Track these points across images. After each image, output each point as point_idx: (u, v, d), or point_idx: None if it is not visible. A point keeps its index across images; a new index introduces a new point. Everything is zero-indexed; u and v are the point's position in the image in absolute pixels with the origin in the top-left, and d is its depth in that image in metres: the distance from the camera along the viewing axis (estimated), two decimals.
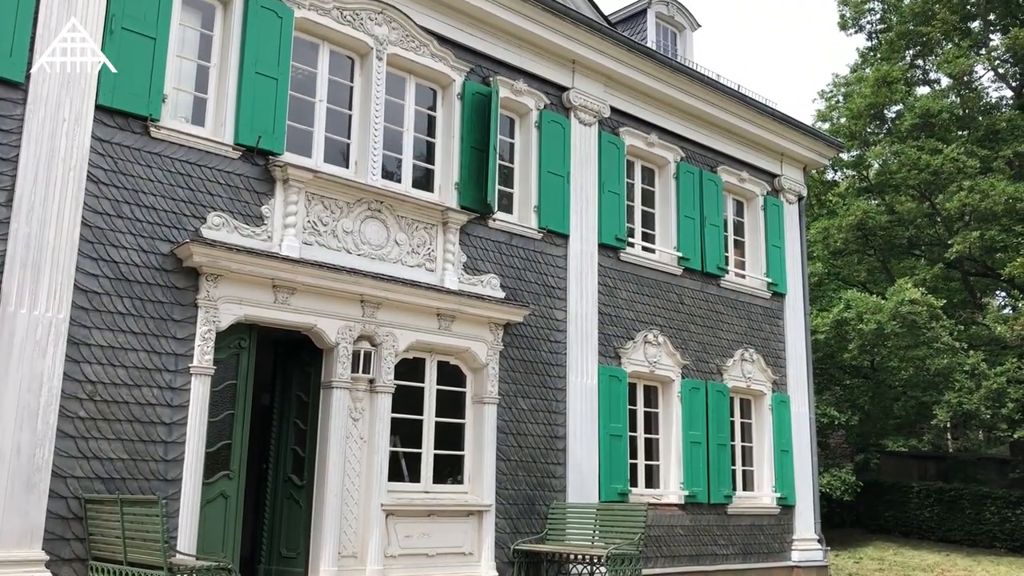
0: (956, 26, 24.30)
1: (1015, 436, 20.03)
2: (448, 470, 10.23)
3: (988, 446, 29.85)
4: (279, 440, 9.72)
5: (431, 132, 10.79)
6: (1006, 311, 25.82)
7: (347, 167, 9.88)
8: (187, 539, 7.94)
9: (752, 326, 14.17)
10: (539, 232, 11.41)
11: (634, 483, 12.06)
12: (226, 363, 8.74)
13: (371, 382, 9.44)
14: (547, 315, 11.33)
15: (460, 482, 10.25)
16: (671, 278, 13.04)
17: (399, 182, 10.26)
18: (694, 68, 13.96)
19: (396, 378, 9.64)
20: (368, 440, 9.33)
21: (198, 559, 7.69)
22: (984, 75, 25.08)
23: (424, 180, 10.59)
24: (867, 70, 25.95)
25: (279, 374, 9.95)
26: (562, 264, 11.63)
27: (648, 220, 13.20)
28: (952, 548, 20.39)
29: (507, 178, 11.49)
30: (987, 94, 25.23)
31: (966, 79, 24.16)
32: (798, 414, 14.48)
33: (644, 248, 12.91)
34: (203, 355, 8.30)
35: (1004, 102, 25.13)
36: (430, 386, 10.16)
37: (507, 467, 10.53)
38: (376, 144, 9.96)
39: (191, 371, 8.22)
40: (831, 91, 27.29)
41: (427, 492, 9.88)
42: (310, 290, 9.04)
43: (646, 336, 12.41)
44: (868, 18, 26.59)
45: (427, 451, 9.97)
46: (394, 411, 9.62)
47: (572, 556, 10.27)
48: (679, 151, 13.47)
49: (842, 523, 22.74)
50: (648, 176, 13.40)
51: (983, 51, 24.31)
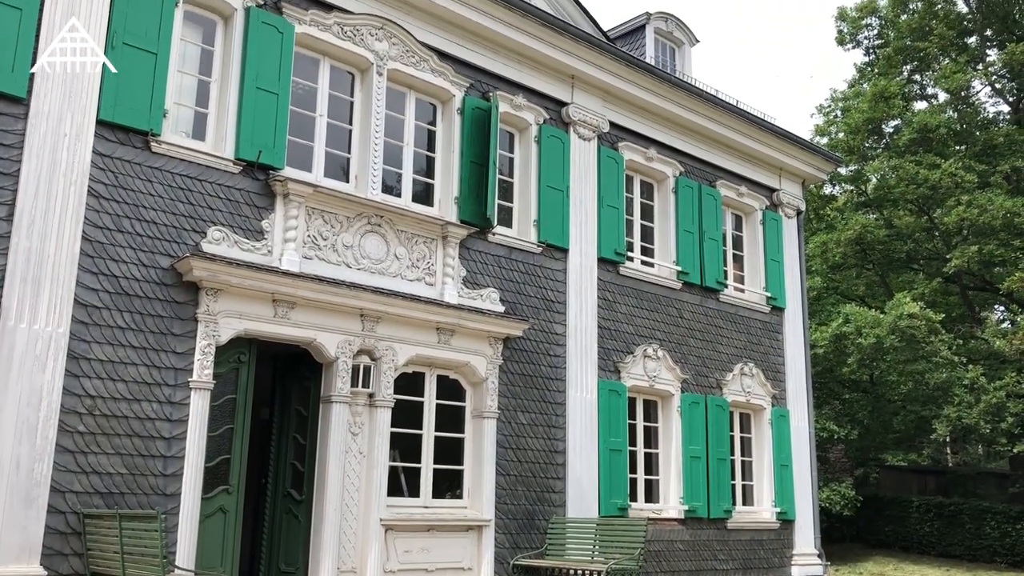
0: (953, 42, 24.45)
1: (1015, 450, 20.02)
2: (447, 485, 10.20)
3: (988, 460, 29.82)
4: (278, 454, 9.71)
5: (431, 147, 10.82)
6: (1005, 325, 25.83)
7: (347, 181, 9.91)
8: (186, 554, 7.90)
9: (751, 340, 14.17)
10: (538, 246, 11.43)
11: (634, 498, 12.04)
12: (226, 377, 8.74)
13: (371, 396, 9.43)
14: (547, 329, 11.34)
15: (459, 497, 10.23)
16: (670, 292, 13.05)
17: (399, 196, 10.29)
18: (693, 83, 14.00)
19: (395, 392, 9.64)
20: (367, 455, 9.31)
21: (197, 574, 7.68)
22: (981, 90, 25.23)
23: (424, 194, 10.62)
24: (865, 85, 26.08)
25: (278, 388, 9.95)
26: (561, 278, 11.64)
27: (647, 234, 13.23)
28: (952, 563, 20.35)
29: (507, 192, 11.52)
30: (984, 109, 25.37)
31: (963, 94, 24.29)
32: (798, 428, 14.47)
33: (643, 262, 12.93)
34: (203, 369, 8.29)
35: (1001, 117, 25.26)
36: (429, 400, 10.16)
37: (507, 482, 10.51)
38: (376, 159, 9.98)
39: (191, 385, 8.21)
40: (829, 106, 27.42)
41: (426, 507, 9.85)
42: (310, 304, 9.04)
43: (645, 350, 12.41)
44: (865, 34, 26.76)
45: (426, 466, 9.96)
46: (393, 425, 9.61)
47: (572, 571, 10.21)
48: (678, 166, 13.51)
49: (842, 538, 22.69)
50: (647, 190, 13.43)
51: (980, 66, 24.44)
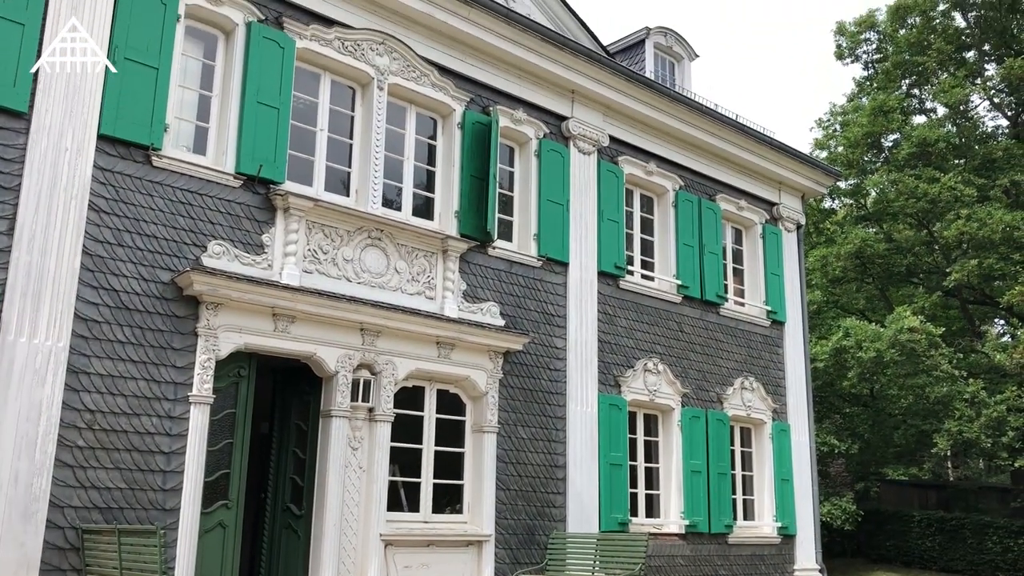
0: (951, 56, 24.53)
1: (1016, 465, 19.96)
2: (447, 499, 10.17)
3: (989, 475, 29.74)
4: (278, 469, 9.68)
5: (431, 161, 10.84)
6: (1005, 339, 25.81)
7: (348, 196, 9.92)
8: (185, 569, 7.87)
9: (752, 354, 14.15)
10: (539, 260, 11.43)
11: (634, 512, 12.00)
12: (225, 392, 8.72)
13: (370, 411, 9.41)
14: (547, 343, 11.32)
15: (459, 512, 10.19)
16: (670, 306, 13.05)
17: (399, 210, 10.29)
18: (692, 98, 14.04)
19: (395, 407, 9.61)
20: (367, 469, 9.28)
21: None
22: (980, 104, 25.27)
23: (424, 208, 10.63)
24: (864, 99, 26.15)
25: (278, 402, 9.93)
26: (562, 292, 11.64)
27: (647, 248, 13.23)
28: None
29: (507, 206, 11.53)
30: (983, 123, 25.41)
31: (962, 108, 24.35)
32: (798, 443, 14.42)
33: (643, 276, 12.93)
34: (202, 384, 8.27)
35: (1000, 131, 25.30)
36: (429, 415, 10.13)
37: (507, 497, 10.47)
38: (376, 173, 10.00)
39: (190, 400, 8.20)
40: (828, 120, 27.47)
41: (426, 522, 9.81)
42: (310, 318, 9.04)
43: (646, 364, 12.39)
44: (864, 48, 26.84)
45: (426, 480, 9.92)
46: (393, 440, 9.58)
47: None
48: (678, 180, 13.52)
49: (843, 552, 22.59)
50: (647, 204, 13.44)
51: (978, 81, 24.50)
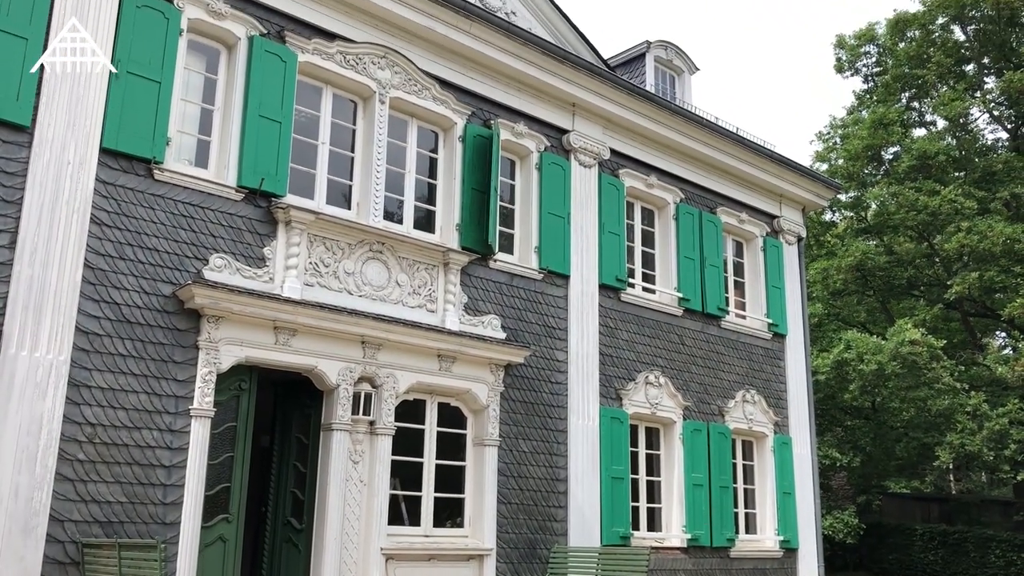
0: (951, 69, 24.63)
1: (1018, 478, 19.93)
2: (448, 513, 10.13)
3: (991, 488, 29.66)
4: (278, 483, 9.65)
5: (432, 174, 10.85)
6: (1006, 352, 25.80)
7: (349, 209, 9.93)
8: None
9: (753, 367, 14.13)
10: (540, 273, 11.43)
11: (636, 526, 11.95)
12: (226, 405, 8.70)
13: (371, 424, 9.39)
14: (548, 356, 11.31)
15: (460, 525, 10.16)
16: (672, 319, 13.04)
17: (400, 223, 10.31)
18: (693, 111, 14.08)
19: (396, 420, 9.59)
20: (368, 483, 9.25)
21: None
22: (980, 117, 25.36)
23: (425, 221, 10.64)
24: (864, 112, 26.25)
25: (279, 416, 9.91)
26: (563, 305, 11.63)
27: (648, 261, 13.23)
28: None
29: (508, 219, 11.53)
30: (983, 136, 25.50)
31: (962, 121, 24.44)
32: (800, 456, 14.38)
33: (644, 289, 12.92)
34: (203, 397, 8.26)
35: (1000, 144, 25.37)
36: (430, 428, 10.11)
37: (508, 510, 10.44)
38: (378, 186, 10.01)
39: (191, 413, 8.18)
40: (828, 133, 27.58)
41: (427, 536, 9.78)
42: (311, 331, 9.03)
43: (647, 377, 12.37)
44: (864, 61, 26.97)
45: (427, 494, 9.89)
46: (394, 453, 9.55)
47: None
48: (678, 192, 13.54)
49: (845, 566, 22.52)
50: (648, 217, 13.46)
51: (978, 94, 24.59)
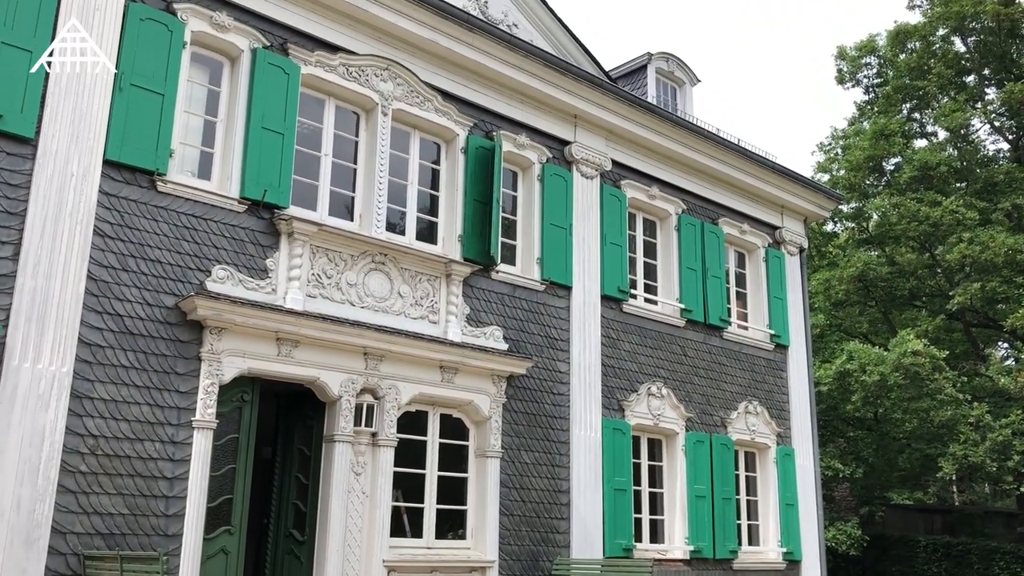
0: (952, 80, 24.66)
1: (1022, 489, 19.85)
2: (450, 525, 10.11)
3: (994, 499, 29.55)
4: (280, 494, 9.63)
5: (435, 185, 10.87)
6: (1009, 362, 25.75)
7: (351, 220, 9.94)
8: None
9: (756, 378, 14.11)
10: (542, 284, 11.44)
11: (639, 538, 11.91)
12: (228, 416, 8.70)
13: (373, 435, 9.38)
14: (550, 367, 11.30)
15: (463, 537, 10.13)
16: (674, 330, 13.03)
17: (403, 235, 10.32)
18: (694, 122, 14.10)
19: (398, 431, 9.59)
20: (370, 495, 9.23)
21: None
22: (981, 128, 25.38)
23: (427, 232, 10.65)
24: (865, 123, 26.27)
25: (281, 427, 9.90)
26: (565, 316, 11.63)
27: (650, 272, 13.23)
28: None
29: (510, 230, 11.55)
30: (984, 147, 25.51)
31: (963, 132, 24.45)
32: (803, 467, 14.35)
33: (646, 300, 12.92)
34: (206, 408, 8.26)
35: (1001, 155, 25.38)
36: (432, 439, 10.09)
37: (510, 522, 10.41)
38: (380, 197, 10.03)
39: (193, 425, 8.17)
40: (830, 144, 27.59)
41: (429, 548, 9.75)
42: (313, 343, 9.03)
43: (649, 388, 12.35)
44: (865, 72, 27.00)
45: (429, 506, 9.87)
46: (396, 465, 9.54)
47: None
48: (680, 203, 13.55)
49: None
50: (650, 228, 13.47)
51: (979, 105, 24.61)
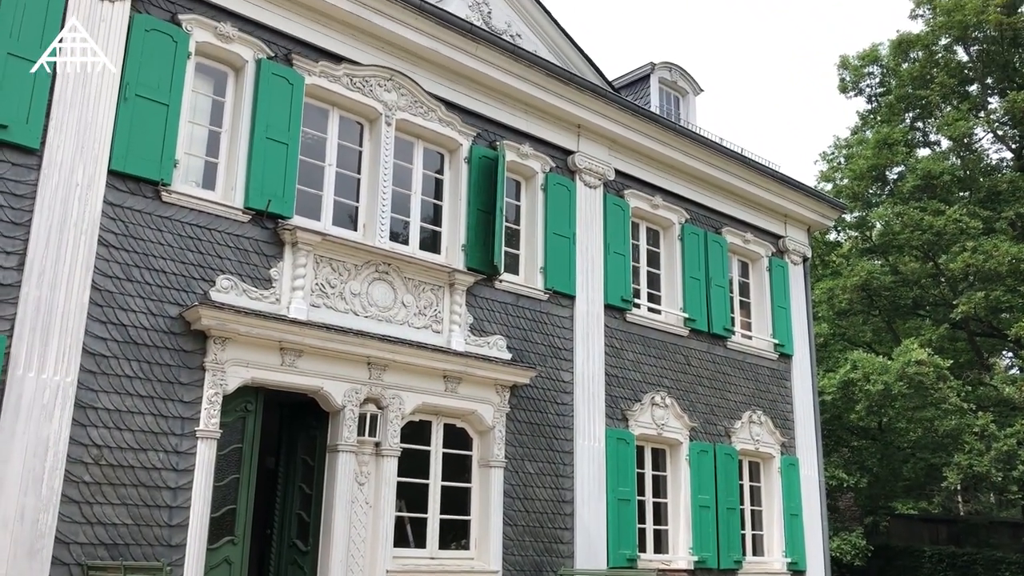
0: (954, 89, 24.68)
1: None
2: (453, 535, 10.09)
3: (1000, 509, 29.43)
4: (284, 505, 9.62)
5: (438, 195, 10.89)
6: (1013, 372, 25.70)
7: (355, 230, 9.95)
8: None
9: (759, 388, 14.08)
10: (545, 293, 11.44)
11: (643, 548, 11.88)
12: (232, 426, 8.69)
13: (377, 445, 9.37)
14: (554, 377, 11.29)
15: (466, 547, 10.11)
16: (677, 339, 13.01)
17: (406, 244, 10.33)
18: (697, 132, 14.11)
19: (402, 441, 9.58)
20: (374, 505, 9.22)
21: None
22: (984, 137, 25.38)
23: (431, 242, 10.66)
24: (868, 132, 26.29)
25: (284, 437, 9.89)
26: (568, 325, 11.62)
27: (654, 281, 13.22)
28: None
29: (513, 240, 11.55)
30: (987, 156, 25.50)
31: (966, 141, 24.45)
32: (807, 477, 14.31)
33: (650, 309, 12.91)
34: (209, 418, 8.25)
35: (1005, 164, 25.38)
36: (436, 449, 10.08)
37: (514, 532, 10.39)
38: (384, 207, 10.04)
39: (197, 435, 8.17)
40: (833, 153, 27.61)
41: (433, 558, 9.73)
42: (317, 352, 9.03)
43: (653, 398, 12.33)
44: (867, 82, 27.03)
45: (433, 516, 9.85)
46: (400, 475, 9.53)
47: None
48: (684, 213, 13.56)
49: None
50: (653, 237, 13.46)
51: (982, 114, 24.62)
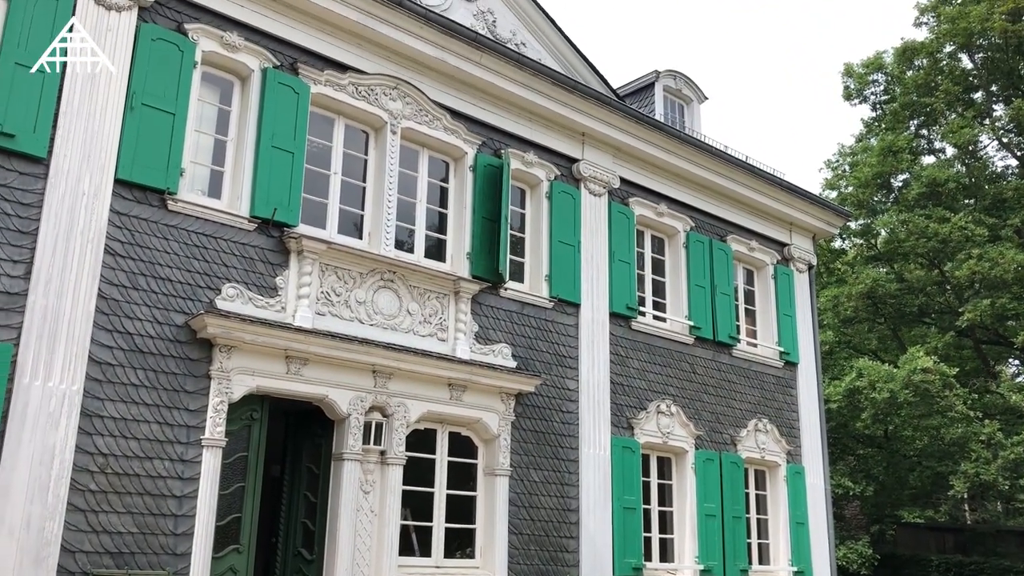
0: (959, 97, 24.69)
1: None
2: (458, 544, 10.07)
3: (1007, 518, 29.30)
4: (289, 513, 9.61)
5: (443, 203, 10.90)
6: (1020, 379, 25.62)
7: (361, 238, 9.97)
8: None
9: (765, 396, 14.05)
10: (550, 301, 11.43)
11: (648, 557, 11.83)
12: (237, 435, 8.69)
13: (382, 454, 9.36)
14: (559, 385, 11.27)
15: (471, 556, 10.09)
16: (683, 347, 12.99)
17: (411, 252, 10.34)
18: (702, 140, 14.11)
19: (407, 449, 9.57)
20: (379, 513, 9.21)
21: None
22: (989, 144, 25.38)
23: (436, 250, 10.67)
24: (872, 140, 26.30)
25: (290, 445, 9.89)
26: (573, 333, 11.61)
27: (659, 289, 13.22)
28: None
29: (518, 248, 11.56)
30: (992, 163, 25.51)
31: (971, 148, 24.44)
32: (813, 485, 14.26)
33: (655, 317, 12.89)
34: (215, 427, 8.26)
35: (1010, 171, 25.36)
36: (441, 458, 10.07)
37: (519, 541, 10.37)
38: (389, 215, 10.06)
39: (203, 443, 8.17)
40: (837, 161, 27.61)
41: (438, 567, 9.71)
42: (322, 360, 9.04)
43: (659, 406, 12.31)
44: (872, 89, 27.06)
45: (438, 524, 9.84)
46: (405, 483, 9.52)
47: None
48: (689, 221, 13.55)
49: None
50: (658, 245, 13.46)
51: (987, 121, 24.61)
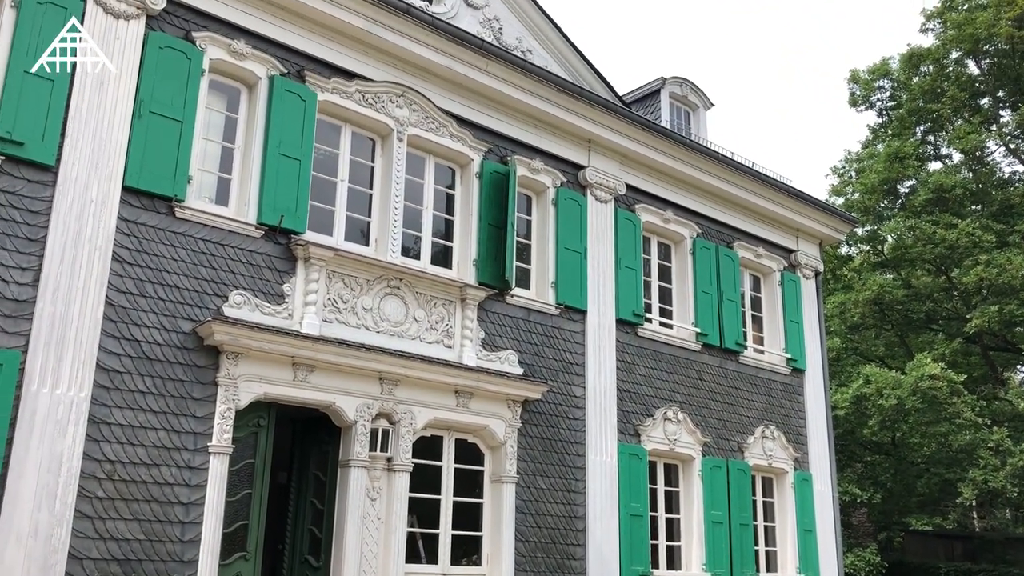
0: (966, 103, 24.65)
1: None
2: (465, 551, 10.05)
3: (1016, 525, 29.14)
4: (296, 520, 9.61)
5: (450, 210, 10.92)
6: None
7: (367, 245, 9.98)
8: None
9: (772, 402, 14.01)
10: (556, 308, 11.43)
11: (655, 564, 11.80)
12: (244, 442, 8.70)
13: (389, 461, 9.36)
14: (565, 391, 11.26)
15: (478, 564, 10.07)
16: (689, 354, 12.97)
17: (418, 259, 10.35)
18: (708, 146, 14.11)
19: (413, 456, 9.57)
20: (385, 520, 9.20)
21: None
22: (996, 150, 25.30)
23: (442, 257, 10.68)
24: (879, 146, 26.25)
25: (296, 452, 9.90)
26: (580, 340, 11.60)
27: (665, 296, 13.20)
28: None
29: (524, 254, 11.55)
30: (1000, 169, 25.43)
31: (978, 154, 24.39)
32: (821, 492, 14.20)
33: (662, 323, 12.88)
34: (222, 434, 8.27)
35: (1017, 177, 25.29)
36: (448, 465, 10.06)
37: (526, 548, 10.34)
38: (396, 222, 10.07)
39: (210, 450, 8.18)
40: (844, 167, 27.57)
41: (445, 574, 9.69)
42: (329, 367, 9.04)
43: (665, 413, 12.29)
44: (878, 95, 27.02)
45: (444, 531, 9.83)
46: (411, 490, 9.51)
47: None
48: (695, 227, 13.54)
49: None
50: (665, 252, 13.45)
51: (994, 127, 24.56)
